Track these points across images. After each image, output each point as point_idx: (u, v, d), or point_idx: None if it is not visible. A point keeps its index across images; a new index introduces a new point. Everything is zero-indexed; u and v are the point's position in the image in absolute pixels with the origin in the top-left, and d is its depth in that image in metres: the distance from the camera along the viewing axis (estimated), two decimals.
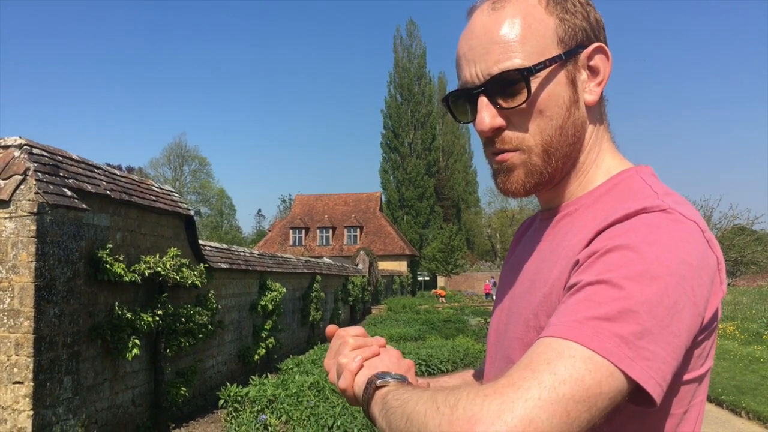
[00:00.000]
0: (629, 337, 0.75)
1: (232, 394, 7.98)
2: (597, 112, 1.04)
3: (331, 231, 53.46)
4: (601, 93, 1.02)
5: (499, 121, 0.97)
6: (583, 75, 1.00)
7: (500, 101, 0.96)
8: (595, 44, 1.00)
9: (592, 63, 1.00)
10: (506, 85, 0.95)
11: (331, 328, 1.10)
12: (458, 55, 1.01)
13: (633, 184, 0.98)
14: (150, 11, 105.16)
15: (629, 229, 0.84)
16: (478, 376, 1.34)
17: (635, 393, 0.76)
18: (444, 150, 66.25)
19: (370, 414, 0.90)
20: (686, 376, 0.88)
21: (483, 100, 0.96)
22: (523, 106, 0.96)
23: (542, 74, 0.96)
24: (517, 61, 0.95)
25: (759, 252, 28.75)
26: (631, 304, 0.76)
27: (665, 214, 0.85)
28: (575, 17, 0.99)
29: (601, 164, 1.04)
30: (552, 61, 0.96)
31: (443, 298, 37.64)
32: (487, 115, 0.96)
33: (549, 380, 0.72)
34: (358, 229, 52.90)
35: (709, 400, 8.90)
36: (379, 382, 0.91)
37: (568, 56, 0.97)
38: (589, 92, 1.00)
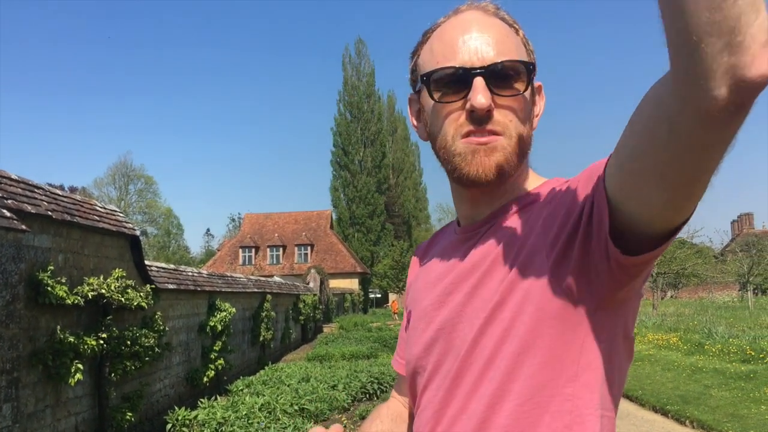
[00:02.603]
0: None
1: (180, 417, 7.82)
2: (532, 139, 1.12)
3: (281, 249, 53.05)
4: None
5: (492, 104, 1.01)
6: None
7: (495, 87, 1.01)
8: (539, 83, 1.13)
9: (536, 97, 1.12)
10: (507, 74, 1.02)
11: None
12: (449, 39, 1.06)
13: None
14: (94, 23, 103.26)
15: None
16: (393, 409, 1.36)
17: None
18: (394, 167, 66.67)
19: None
20: None
21: (480, 82, 1.00)
22: (519, 96, 1.03)
23: (531, 78, 1.06)
24: (518, 57, 1.05)
25: (699, 264, 29.63)
26: None
27: None
28: (533, 55, 1.12)
29: (527, 177, 1.14)
30: (535, 68, 1.07)
31: (396, 315, 37.65)
32: (485, 94, 0.99)
33: None
34: (309, 248, 52.63)
35: (655, 410, 9.11)
36: None
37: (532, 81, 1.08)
38: (534, 120, 1.11)
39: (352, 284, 49.82)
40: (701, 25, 0.60)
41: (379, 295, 59.25)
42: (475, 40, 1.03)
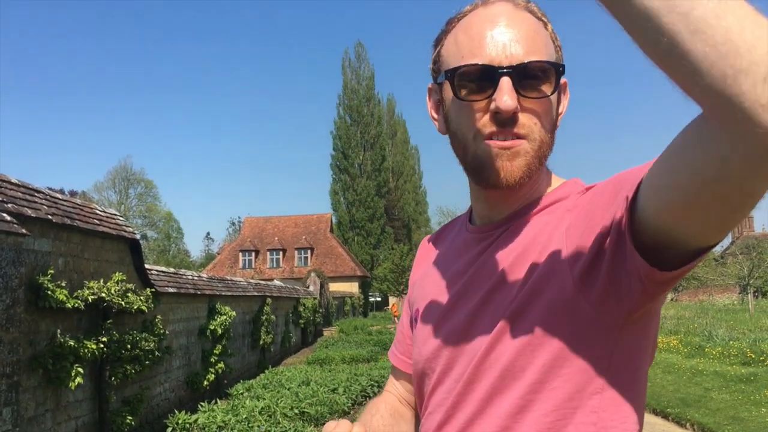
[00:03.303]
0: None
1: (180, 421, 7.81)
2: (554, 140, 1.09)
3: (281, 253, 53.05)
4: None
5: (518, 105, 0.97)
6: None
7: (522, 88, 0.97)
8: (565, 79, 1.07)
9: (561, 95, 1.08)
10: (535, 75, 0.98)
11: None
12: (476, 34, 1.01)
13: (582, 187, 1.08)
14: (92, 30, 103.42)
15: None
16: (393, 404, 1.33)
17: None
18: (394, 171, 66.68)
19: None
20: None
21: (508, 82, 0.96)
22: (545, 99, 0.99)
23: (559, 79, 1.02)
24: (548, 58, 1.01)
25: (699, 267, 29.61)
26: None
27: None
28: (560, 50, 1.07)
29: (546, 178, 1.11)
30: (564, 69, 1.03)
31: (396, 318, 37.62)
32: (512, 95, 0.95)
33: None
34: (309, 251, 52.63)
35: (655, 412, 9.10)
36: None
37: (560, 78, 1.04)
38: (557, 118, 1.08)
39: (352, 288, 49.79)
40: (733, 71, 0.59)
41: (379, 299, 59.21)
42: (503, 36, 0.99)
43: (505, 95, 0.94)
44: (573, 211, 0.99)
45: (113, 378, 7.35)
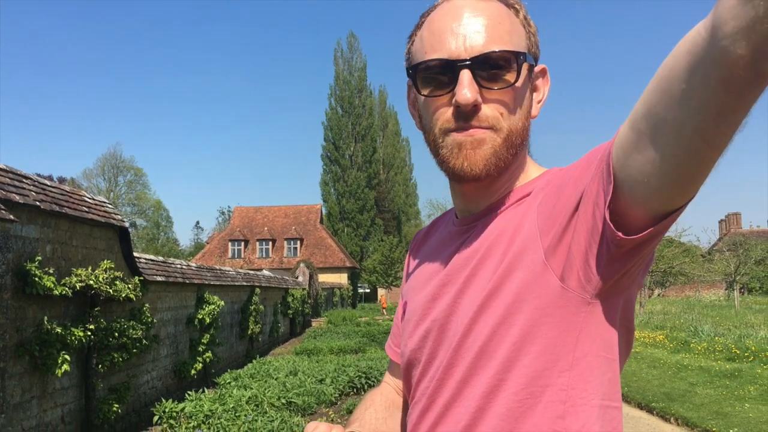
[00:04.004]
0: None
1: (167, 410, 7.80)
2: (530, 129, 1.08)
3: (270, 243, 52.96)
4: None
5: (479, 99, 0.97)
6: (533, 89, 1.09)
7: (483, 79, 0.97)
8: (543, 66, 1.09)
9: (537, 82, 1.09)
10: (496, 65, 0.97)
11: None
12: (437, 29, 1.01)
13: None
14: (82, 15, 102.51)
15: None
16: (387, 394, 1.34)
17: None
18: (384, 163, 66.69)
19: None
20: None
21: (467, 75, 0.96)
22: (509, 88, 0.99)
23: (524, 66, 1.01)
24: (510, 47, 0.99)
25: (687, 263, 29.76)
26: None
27: None
28: (535, 36, 1.07)
29: (526, 169, 1.11)
30: (528, 60, 1.02)
31: (384, 309, 37.70)
32: (471, 89, 0.95)
33: None
34: (299, 242, 52.58)
35: (640, 407, 9.18)
36: None
37: (532, 65, 1.05)
38: (534, 107, 1.08)
39: (341, 279, 49.82)
40: None
41: (368, 290, 59.30)
42: (463, 28, 0.98)
43: (465, 88, 0.95)
44: (545, 189, 0.99)
45: (100, 366, 7.33)
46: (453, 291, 1.06)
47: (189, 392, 8.64)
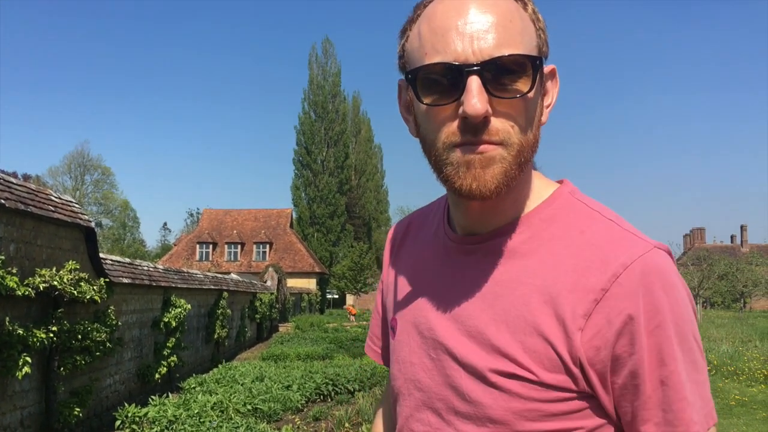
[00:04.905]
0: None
1: (129, 414, 7.69)
2: (540, 139, 0.97)
3: (239, 247, 52.58)
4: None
5: (489, 110, 0.85)
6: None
7: (494, 88, 0.85)
8: (552, 66, 0.97)
9: (547, 84, 0.97)
10: (508, 70, 0.86)
11: None
12: (440, 26, 0.88)
13: (581, 211, 0.98)
14: (48, 9, 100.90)
15: (646, 293, 0.88)
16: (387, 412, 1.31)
17: None
18: (356, 169, 66.71)
19: None
20: None
21: (476, 82, 0.83)
22: (523, 97, 0.87)
23: (539, 72, 0.89)
24: (523, 49, 0.87)
25: None
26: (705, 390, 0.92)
27: (654, 255, 0.91)
28: (544, 33, 0.95)
29: (532, 183, 1.01)
30: (542, 62, 0.91)
31: (353, 316, 37.60)
32: (481, 99, 0.83)
33: None
34: (268, 246, 52.28)
35: None
36: None
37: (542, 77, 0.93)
38: (543, 113, 0.96)
39: (310, 284, 49.64)
40: None
41: (336, 296, 59.10)
42: (470, 26, 0.85)
43: (474, 98, 0.83)
44: (605, 309, 0.88)
45: (62, 368, 7.19)
46: (457, 331, 0.99)
47: (153, 397, 8.51)
